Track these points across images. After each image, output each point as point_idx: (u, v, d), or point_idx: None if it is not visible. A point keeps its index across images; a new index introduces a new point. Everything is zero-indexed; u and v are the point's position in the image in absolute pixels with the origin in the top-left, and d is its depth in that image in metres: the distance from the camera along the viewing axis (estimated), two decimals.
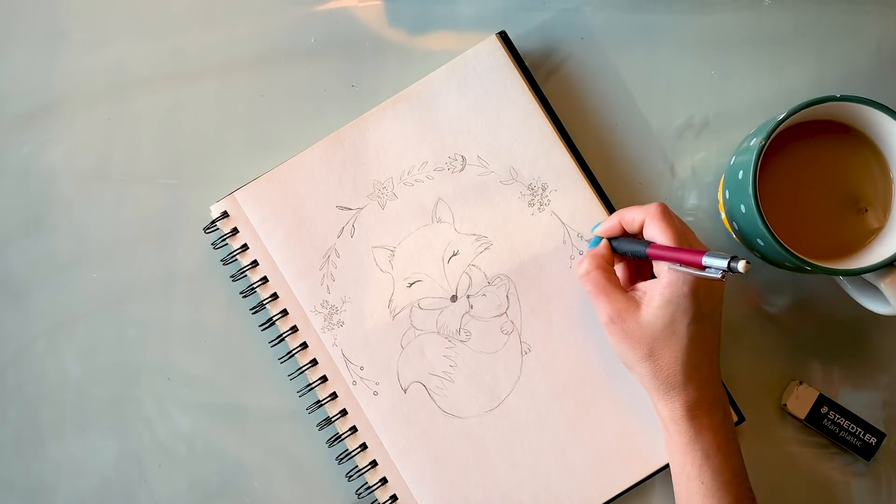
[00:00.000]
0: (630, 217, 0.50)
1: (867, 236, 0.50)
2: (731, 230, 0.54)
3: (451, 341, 0.55)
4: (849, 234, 0.50)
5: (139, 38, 0.59)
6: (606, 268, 0.50)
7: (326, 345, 0.55)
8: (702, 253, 0.45)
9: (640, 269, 0.53)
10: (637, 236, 0.51)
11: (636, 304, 0.48)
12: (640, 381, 0.50)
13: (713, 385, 0.49)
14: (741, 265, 0.42)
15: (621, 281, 0.52)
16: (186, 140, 0.58)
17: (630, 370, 0.50)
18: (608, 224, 0.51)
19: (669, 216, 0.48)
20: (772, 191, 0.48)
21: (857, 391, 0.56)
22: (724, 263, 0.43)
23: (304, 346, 0.55)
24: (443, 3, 0.58)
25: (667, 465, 0.54)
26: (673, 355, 0.48)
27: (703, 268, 0.44)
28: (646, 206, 0.49)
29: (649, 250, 0.48)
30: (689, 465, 0.48)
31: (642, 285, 0.49)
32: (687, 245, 0.48)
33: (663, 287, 0.47)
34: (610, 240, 0.52)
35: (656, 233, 0.48)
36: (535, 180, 0.55)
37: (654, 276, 0.50)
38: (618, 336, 0.49)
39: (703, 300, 0.47)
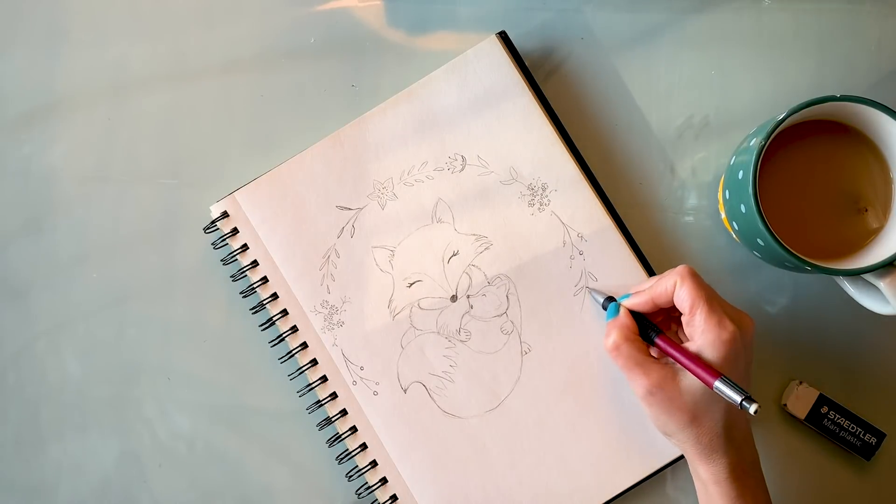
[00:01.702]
0: (661, 290, 0.49)
1: (867, 236, 0.50)
2: (731, 230, 0.54)
3: (451, 341, 0.55)
4: (849, 234, 0.50)
5: (139, 38, 0.59)
6: (635, 339, 0.49)
7: (326, 345, 0.55)
8: (715, 376, 0.45)
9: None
10: (663, 310, 0.51)
11: (673, 371, 0.48)
12: (680, 447, 0.49)
13: (750, 446, 0.49)
14: (752, 408, 0.43)
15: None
16: (186, 140, 0.58)
17: (670, 437, 0.50)
18: (639, 300, 0.50)
19: (696, 276, 0.48)
20: (772, 191, 0.48)
21: (857, 391, 0.56)
22: (736, 399, 0.44)
23: (304, 346, 0.55)
24: (443, 3, 0.58)
25: (666, 465, 0.54)
26: (715, 419, 0.47)
27: (712, 385, 0.45)
28: (672, 270, 0.49)
29: (658, 341, 0.49)
30: None
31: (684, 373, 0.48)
32: (717, 306, 0.47)
33: (701, 353, 0.47)
34: (628, 306, 0.51)
35: (685, 294, 0.47)
36: (535, 180, 0.55)
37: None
38: (658, 406, 0.48)
39: (740, 362, 0.47)
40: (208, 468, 0.57)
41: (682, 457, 0.54)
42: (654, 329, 0.50)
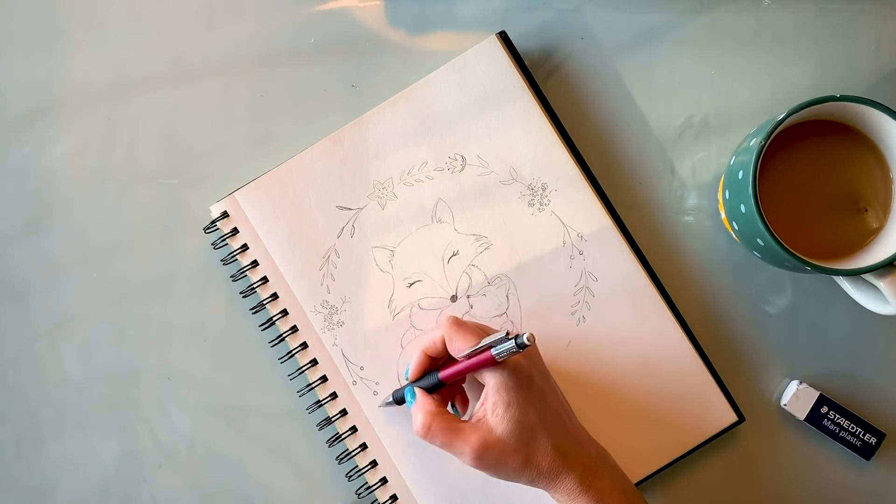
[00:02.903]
0: (431, 343, 0.49)
1: (867, 236, 0.50)
2: (731, 230, 0.54)
3: None
4: (849, 234, 0.50)
5: (139, 38, 0.59)
6: (440, 412, 0.48)
7: (326, 345, 0.55)
8: (488, 352, 0.44)
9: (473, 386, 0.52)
10: (446, 361, 0.50)
11: (487, 426, 0.46)
12: (531, 486, 0.48)
13: (585, 448, 0.48)
14: (525, 337, 0.42)
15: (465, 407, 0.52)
16: (186, 140, 0.58)
17: (518, 481, 0.48)
18: (415, 363, 0.50)
19: (460, 322, 0.48)
20: (772, 191, 0.48)
21: (857, 391, 0.56)
22: (512, 345, 0.43)
23: (304, 346, 0.55)
24: (443, 3, 0.58)
25: (667, 465, 0.54)
26: (543, 446, 0.46)
27: (496, 360, 0.45)
28: (438, 324, 0.50)
29: (441, 375, 0.48)
30: None
31: (478, 407, 0.48)
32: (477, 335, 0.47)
33: (495, 394, 0.46)
34: (416, 384, 0.50)
35: (459, 342, 0.47)
36: (535, 180, 0.55)
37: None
38: (490, 463, 0.46)
39: (534, 377, 0.47)
40: (208, 468, 0.57)
41: (683, 456, 0.54)
42: (433, 372, 0.49)
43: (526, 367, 0.47)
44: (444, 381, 0.48)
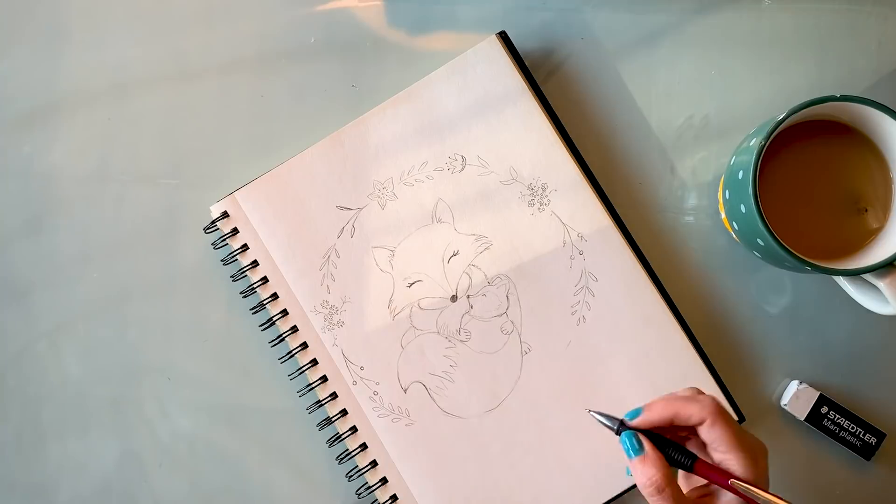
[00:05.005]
0: (687, 414, 0.44)
1: (867, 236, 0.50)
2: (731, 230, 0.54)
3: (451, 341, 0.55)
4: (849, 234, 0.50)
5: (139, 38, 0.59)
6: (674, 481, 0.44)
7: (326, 345, 0.55)
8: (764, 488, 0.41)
9: None
10: (679, 432, 0.47)
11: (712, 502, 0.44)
12: None
13: None
14: None
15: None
16: (186, 140, 0.58)
17: None
18: (657, 416, 0.45)
19: (726, 415, 0.44)
20: (772, 191, 0.49)
21: (857, 391, 0.56)
22: None
23: (304, 346, 0.55)
24: (443, 3, 0.58)
25: None
26: None
27: None
28: (701, 400, 0.44)
29: (697, 469, 0.44)
30: None
31: (723, 496, 0.45)
32: (748, 443, 0.44)
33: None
34: (644, 433, 0.46)
35: (717, 435, 0.44)
36: (535, 180, 0.55)
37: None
38: None
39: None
40: (208, 468, 0.57)
41: None
42: (684, 453, 0.45)
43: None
44: (694, 472, 0.45)
